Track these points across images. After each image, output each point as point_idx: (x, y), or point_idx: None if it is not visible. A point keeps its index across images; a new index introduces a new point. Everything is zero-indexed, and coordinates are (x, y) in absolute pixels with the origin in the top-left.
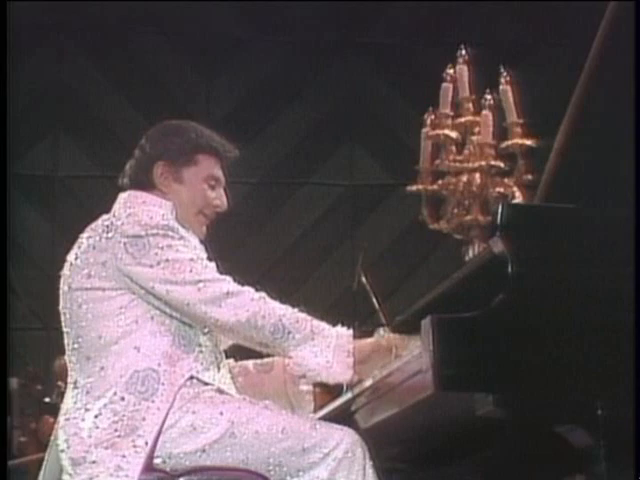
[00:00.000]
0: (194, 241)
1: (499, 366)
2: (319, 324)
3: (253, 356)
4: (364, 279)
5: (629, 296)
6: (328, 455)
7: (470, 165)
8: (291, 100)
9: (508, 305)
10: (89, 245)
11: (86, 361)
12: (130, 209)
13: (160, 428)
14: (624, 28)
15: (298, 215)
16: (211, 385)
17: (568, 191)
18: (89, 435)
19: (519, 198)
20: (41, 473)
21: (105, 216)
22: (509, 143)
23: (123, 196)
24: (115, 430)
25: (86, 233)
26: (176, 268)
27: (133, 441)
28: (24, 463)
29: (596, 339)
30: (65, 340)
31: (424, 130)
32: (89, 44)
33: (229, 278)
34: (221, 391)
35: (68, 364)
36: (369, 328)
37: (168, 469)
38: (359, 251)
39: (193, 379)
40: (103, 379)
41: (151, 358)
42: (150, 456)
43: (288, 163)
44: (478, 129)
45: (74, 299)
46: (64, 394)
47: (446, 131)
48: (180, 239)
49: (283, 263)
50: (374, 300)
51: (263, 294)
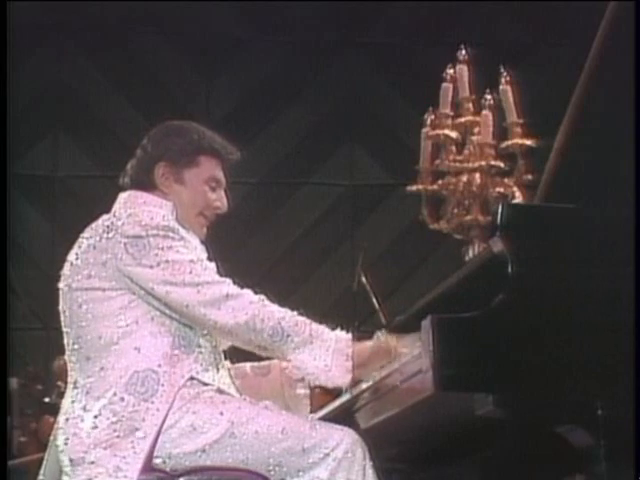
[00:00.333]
0: (194, 242)
1: (499, 366)
2: (318, 327)
3: (251, 358)
4: (364, 279)
5: (629, 296)
6: (328, 455)
7: (470, 165)
8: (291, 100)
9: (508, 305)
10: (89, 245)
11: (86, 361)
12: (131, 209)
13: (159, 429)
14: (624, 28)
15: (298, 215)
16: (211, 385)
17: (568, 191)
18: (88, 435)
19: (519, 198)
20: (41, 473)
21: (105, 216)
22: (509, 143)
23: (123, 196)
24: (114, 430)
25: (86, 233)
26: (176, 269)
27: (132, 442)
28: (24, 463)
29: (596, 339)
30: (65, 340)
31: (424, 130)
32: (89, 44)
33: (229, 280)
34: (221, 391)
35: (68, 364)
36: (369, 328)
37: (168, 469)
38: (359, 251)
39: (193, 380)
40: (103, 379)
41: (151, 359)
42: (149, 456)
43: (288, 163)
44: (478, 129)
45: (74, 299)
46: (64, 394)
47: (446, 131)
48: (180, 240)
49: (283, 263)
50: (374, 300)
51: (262, 297)
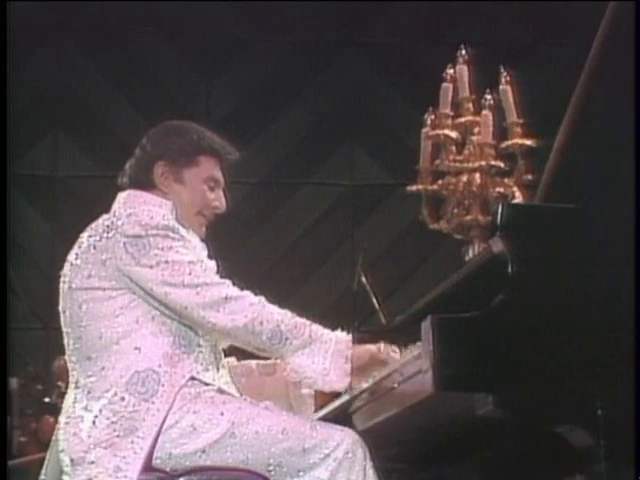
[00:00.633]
0: (195, 241)
1: (499, 366)
2: (318, 329)
3: (257, 356)
4: (364, 279)
5: (629, 296)
6: (328, 456)
7: (470, 165)
8: (291, 100)
9: (508, 305)
10: (89, 245)
11: (87, 361)
12: (130, 209)
13: (159, 429)
14: (624, 28)
15: (298, 215)
16: (212, 385)
17: (568, 191)
18: (88, 435)
19: (519, 198)
20: (42, 473)
21: (106, 216)
22: (509, 143)
23: (122, 195)
24: (114, 430)
25: (86, 233)
26: (175, 270)
27: (132, 442)
28: (24, 463)
29: (596, 339)
30: (65, 340)
31: (424, 130)
32: (89, 44)
33: (228, 282)
34: (222, 391)
35: (69, 364)
36: (369, 328)
37: (168, 469)
38: (359, 251)
39: (194, 380)
40: (104, 379)
41: (152, 359)
42: (149, 456)
43: (288, 163)
44: (478, 129)
45: (74, 299)
46: (64, 394)
47: (446, 131)
48: (180, 240)
49: (283, 263)
50: (374, 300)
51: (262, 299)
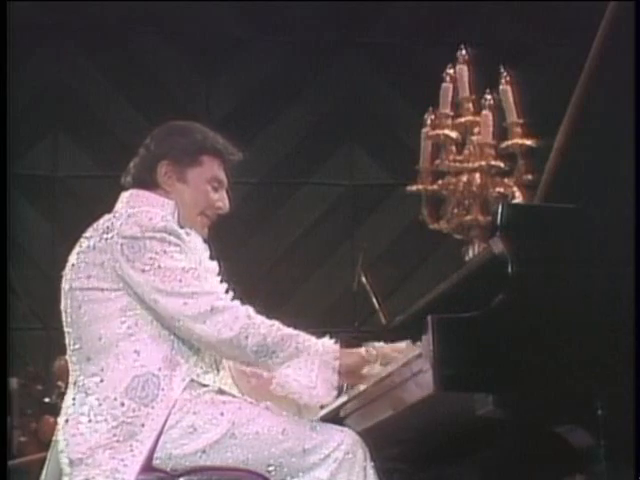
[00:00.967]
0: (196, 242)
1: (499, 366)
2: (304, 340)
3: None
4: (364, 279)
5: (629, 296)
6: (329, 456)
7: (470, 165)
8: (291, 100)
9: (508, 305)
10: (89, 245)
11: (86, 362)
12: (131, 209)
13: (159, 433)
14: (624, 28)
15: (298, 215)
16: (212, 386)
17: (568, 191)
18: (87, 437)
19: (519, 198)
20: (43, 473)
21: (107, 216)
22: (509, 143)
23: (125, 195)
24: (114, 435)
25: (87, 233)
26: (166, 276)
27: (131, 445)
28: (24, 463)
29: (596, 339)
30: (66, 340)
31: (424, 130)
32: (89, 44)
33: (220, 290)
34: (222, 392)
35: (69, 364)
36: (369, 328)
37: (168, 469)
38: (359, 251)
39: (193, 382)
40: (103, 381)
41: (151, 362)
42: (148, 458)
43: (288, 163)
44: (478, 129)
45: (74, 299)
46: (64, 394)
47: (446, 131)
48: (177, 245)
49: (283, 263)
50: (374, 300)
51: (250, 310)
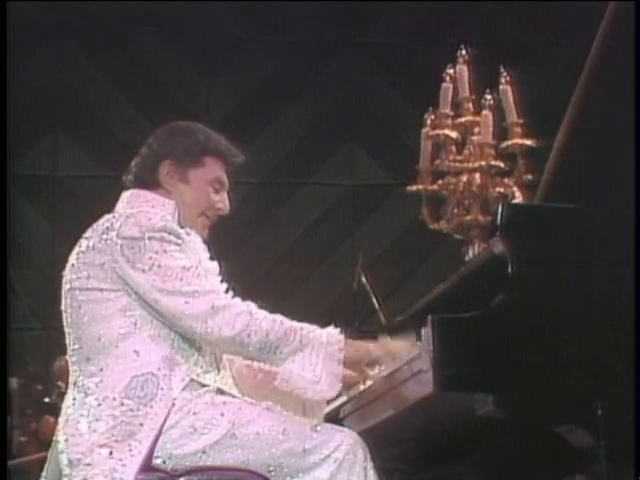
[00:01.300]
0: (196, 242)
1: (499, 366)
2: (308, 332)
3: None
4: (364, 279)
5: (629, 296)
6: (329, 456)
7: (470, 165)
8: (291, 100)
9: (508, 305)
10: (88, 246)
11: (86, 362)
12: (130, 210)
13: (158, 433)
14: (624, 28)
15: (298, 215)
16: (211, 386)
17: (568, 191)
18: (87, 437)
19: (519, 198)
20: (43, 473)
21: (107, 216)
22: (509, 143)
23: (126, 195)
24: (113, 435)
25: (87, 233)
26: (167, 275)
27: (129, 445)
28: (24, 463)
29: (596, 339)
30: (67, 340)
31: (424, 130)
32: (89, 44)
33: (221, 289)
34: (222, 392)
35: (69, 364)
36: (369, 328)
37: (168, 469)
38: (359, 251)
39: (193, 382)
40: (103, 381)
41: (151, 362)
42: (147, 458)
43: (288, 163)
44: (478, 129)
45: (74, 299)
46: (64, 394)
47: (446, 131)
48: (177, 244)
49: (283, 263)
50: (374, 300)
51: (251, 307)
